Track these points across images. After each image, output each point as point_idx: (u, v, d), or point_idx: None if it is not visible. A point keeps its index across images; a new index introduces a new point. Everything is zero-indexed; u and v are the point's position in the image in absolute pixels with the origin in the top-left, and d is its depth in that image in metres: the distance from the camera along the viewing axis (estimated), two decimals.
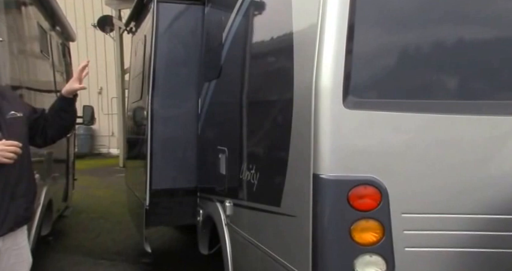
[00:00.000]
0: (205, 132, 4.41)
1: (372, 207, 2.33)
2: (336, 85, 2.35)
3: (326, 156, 2.37)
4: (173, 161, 4.61)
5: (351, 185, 2.33)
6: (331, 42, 2.37)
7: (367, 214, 2.33)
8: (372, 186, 2.33)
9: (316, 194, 2.39)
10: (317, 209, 2.39)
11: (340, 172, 2.36)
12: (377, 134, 2.36)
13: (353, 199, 2.32)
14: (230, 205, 3.62)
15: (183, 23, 4.73)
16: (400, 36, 2.44)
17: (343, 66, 2.34)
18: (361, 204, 2.32)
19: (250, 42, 3.37)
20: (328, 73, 2.36)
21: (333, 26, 2.37)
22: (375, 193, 2.33)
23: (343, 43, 2.35)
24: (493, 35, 2.48)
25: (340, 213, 2.34)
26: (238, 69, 3.59)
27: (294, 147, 2.63)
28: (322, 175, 2.36)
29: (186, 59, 4.71)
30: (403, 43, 2.46)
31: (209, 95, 4.27)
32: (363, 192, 2.33)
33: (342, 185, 2.34)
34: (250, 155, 3.28)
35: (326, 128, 2.37)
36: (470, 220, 2.34)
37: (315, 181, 2.40)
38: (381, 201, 2.33)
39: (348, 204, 2.32)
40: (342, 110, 2.34)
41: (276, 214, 2.84)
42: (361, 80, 2.38)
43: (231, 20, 3.77)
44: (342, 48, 2.35)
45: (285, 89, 2.77)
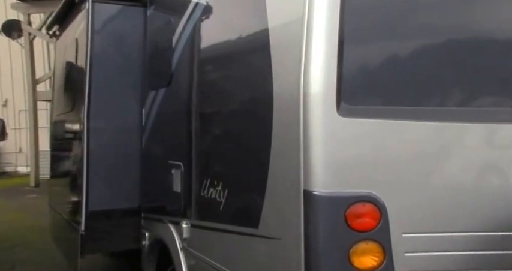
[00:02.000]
0: (152, 146, 4.06)
1: (371, 227, 2.14)
2: (329, 90, 2.14)
3: (319, 170, 2.16)
4: (113, 178, 4.20)
5: (348, 203, 2.13)
6: (321, 40, 2.16)
7: (366, 235, 2.13)
8: (370, 203, 2.14)
9: (309, 214, 2.16)
10: (310, 231, 2.16)
11: (336, 188, 2.15)
12: (374, 144, 2.18)
13: (351, 219, 2.12)
14: (187, 226, 3.31)
15: (122, 26, 4.36)
16: (399, 37, 2.29)
17: (336, 68, 2.14)
18: (359, 223, 2.13)
19: (212, 44, 3.11)
20: (319, 76, 2.16)
21: (322, 21, 2.17)
22: (374, 211, 2.14)
23: (335, 42, 2.15)
24: (493, 40, 2.40)
25: (337, 234, 2.13)
26: (196, 76, 3.30)
27: (276, 160, 2.39)
28: (315, 192, 2.15)
29: (126, 66, 4.33)
30: (403, 44, 2.30)
31: (156, 105, 3.94)
32: (361, 210, 2.13)
33: (338, 203, 2.14)
34: (215, 170, 3.00)
35: (318, 138, 2.16)
36: (478, 239, 2.21)
37: (307, 199, 2.17)
38: (381, 219, 2.14)
39: (345, 224, 2.12)
40: (335, 118, 2.14)
41: (253, 237, 2.58)
42: (356, 84, 2.20)
43: (182, 22, 3.49)
44: (333, 48, 2.15)
45: (260, 94, 2.54)
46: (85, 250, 4.14)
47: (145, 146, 4.12)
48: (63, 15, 5.43)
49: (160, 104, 3.85)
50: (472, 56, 2.41)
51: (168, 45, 3.68)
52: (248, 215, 2.64)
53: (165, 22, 3.82)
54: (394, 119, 2.18)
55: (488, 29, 2.44)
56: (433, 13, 2.31)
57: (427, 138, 2.21)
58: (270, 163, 2.44)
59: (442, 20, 2.32)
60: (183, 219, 3.36)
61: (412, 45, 2.31)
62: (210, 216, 3.07)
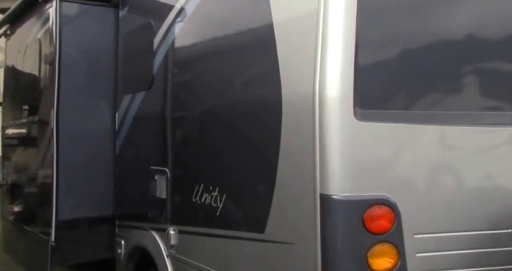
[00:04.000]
0: (128, 151, 3.94)
1: (387, 229, 2.19)
2: (346, 94, 2.18)
3: (336, 174, 2.19)
4: (84, 186, 4.04)
5: (366, 206, 2.17)
6: (338, 42, 2.19)
7: (382, 237, 2.17)
8: (386, 206, 2.19)
9: (326, 217, 2.19)
10: (327, 234, 2.18)
11: (353, 191, 2.19)
12: (389, 148, 2.23)
13: (368, 222, 2.16)
14: (175, 233, 3.25)
15: (91, 27, 4.22)
16: (415, 40, 2.35)
17: (353, 71, 2.18)
18: (376, 226, 2.17)
19: (207, 44, 3.06)
20: (336, 80, 2.19)
21: (340, 18, 2.20)
22: (390, 214, 2.19)
23: (352, 44, 2.18)
24: (505, 45, 2.52)
25: (355, 237, 2.17)
26: (186, 78, 3.26)
27: (285, 164, 2.40)
28: (334, 196, 2.18)
29: (96, 69, 4.20)
30: (419, 47, 2.36)
31: (133, 109, 3.83)
32: (377, 212, 2.18)
33: (356, 206, 2.17)
34: (210, 175, 2.97)
35: (335, 143, 2.19)
36: (488, 237, 2.32)
37: (324, 203, 2.19)
38: (395, 221, 2.19)
39: (363, 227, 2.16)
40: (353, 122, 2.18)
41: (257, 242, 2.58)
42: (372, 88, 2.25)
43: (166, 23, 3.43)
44: (351, 51, 2.18)
45: (266, 96, 2.53)
46: (55, 262, 3.97)
47: (120, 151, 4.01)
48: (17, 15, 5.18)
49: (139, 108, 3.75)
50: (491, 60, 2.52)
51: (148, 47, 3.60)
52: (252, 220, 2.63)
53: (143, 24, 3.74)
54: (410, 123, 2.25)
55: (509, 33, 2.56)
56: (452, 16, 2.41)
57: (441, 141, 2.30)
58: (278, 167, 2.44)
59: (461, 24, 2.42)
60: (169, 226, 3.30)
61: (428, 49, 2.38)
62: (203, 221, 3.03)
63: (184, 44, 3.30)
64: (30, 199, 4.63)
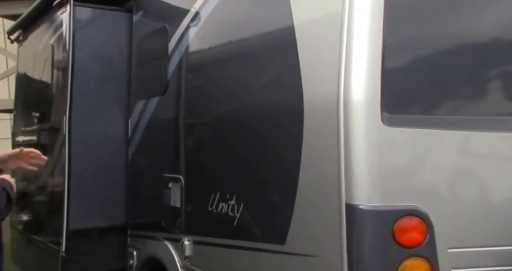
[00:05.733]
0: (141, 159, 3.84)
1: (419, 242, 2.05)
2: (373, 98, 2.06)
3: (364, 182, 2.06)
4: (96, 194, 3.93)
5: (396, 217, 2.04)
6: (364, 41, 2.08)
7: (414, 251, 2.04)
8: (417, 217, 2.05)
9: (353, 229, 2.06)
10: (354, 247, 2.05)
11: (381, 201, 2.06)
12: (418, 155, 2.11)
13: (398, 234, 2.03)
14: (190, 243, 3.13)
15: (105, 32, 4.14)
16: (442, 43, 2.22)
17: (380, 74, 2.07)
18: (407, 239, 2.03)
19: (225, 48, 2.95)
20: (362, 83, 2.07)
21: (366, 19, 2.09)
22: (421, 226, 2.06)
23: (379, 46, 2.07)
24: None
25: (385, 251, 2.03)
26: (200, 83, 3.16)
27: (307, 172, 2.28)
28: (361, 206, 2.05)
29: (109, 74, 4.11)
30: (446, 51, 2.24)
31: (146, 115, 3.73)
32: (408, 224, 2.04)
33: (385, 217, 2.04)
34: (227, 183, 2.85)
35: (362, 149, 2.06)
36: None
37: (350, 213, 2.07)
38: (427, 234, 2.06)
39: (393, 240, 2.02)
40: (380, 128, 2.06)
41: (278, 254, 2.45)
42: (399, 92, 2.13)
43: (182, 28, 3.34)
44: (378, 53, 2.07)
45: (287, 100, 2.43)
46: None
47: (133, 159, 3.90)
48: (31, 20, 5.13)
49: (152, 113, 3.65)
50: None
51: (162, 52, 3.51)
52: (271, 231, 2.51)
53: (157, 28, 3.65)
54: (439, 129, 2.12)
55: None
56: (479, 19, 2.29)
57: (474, 148, 2.18)
58: (300, 175, 2.32)
59: (488, 27, 2.30)
60: (184, 236, 3.18)
61: (456, 52, 2.27)
62: (219, 232, 2.91)
63: (199, 48, 3.20)
64: (40, 208, 4.53)
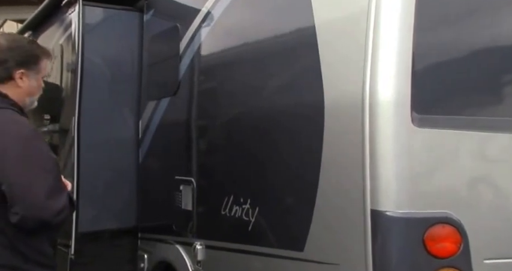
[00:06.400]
0: (151, 161, 3.62)
1: (452, 252, 1.83)
2: (402, 97, 1.85)
3: (391, 187, 1.84)
4: (106, 196, 3.72)
5: (427, 225, 1.81)
6: (394, 38, 1.87)
7: (447, 262, 1.82)
8: (450, 225, 1.83)
9: (379, 237, 1.84)
10: (380, 257, 1.84)
11: (411, 207, 1.84)
12: (451, 158, 1.89)
13: (430, 243, 1.80)
14: (202, 248, 2.92)
15: (115, 32, 3.93)
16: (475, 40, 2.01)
17: (411, 72, 1.85)
18: (439, 249, 1.81)
19: (234, 48, 2.74)
20: (391, 81, 1.86)
21: (396, 13, 1.88)
22: (455, 234, 1.83)
23: (410, 40, 1.85)
24: None
25: (415, 261, 1.81)
26: (212, 83, 2.95)
27: (329, 175, 2.07)
28: (388, 213, 1.83)
29: (120, 74, 3.89)
30: (479, 48, 2.02)
31: (157, 116, 3.52)
32: (440, 233, 1.82)
33: (415, 225, 1.82)
34: (241, 186, 2.63)
35: (390, 152, 1.85)
36: None
37: (376, 220, 1.85)
38: (461, 243, 1.84)
39: (424, 250, 1.80)
40: (410, 129, 1.84)
41: (296, 261, 2.24)
42: (430, 91, 1.91)
43: (194, 26, 3.13)
44: (408, 47, 1.85)
45: (305, 100, 2.22)
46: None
47: (144, 160, 3.69)
48: (40, 21, 4.93)
49: (163, 114, 3.44)
50: None
51: (174, 52, 3.30)
52: (289, 236, 2.30)
53: (169, 27, 3.44)
54: (474, 130, 1.90)
55: None
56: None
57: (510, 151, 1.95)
58: (320, 179, 2.11)
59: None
60: (196, 240, 2.96)
61: (488, 52, 2.05)
62: (233, 236, 2.69)
63: (212, 47, 2.99)
64: None
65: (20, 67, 2.03)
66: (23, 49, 2.06)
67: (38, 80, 2.12)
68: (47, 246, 2.03)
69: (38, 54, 2.11)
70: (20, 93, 2.06)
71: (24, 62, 2.04)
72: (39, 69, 2.11)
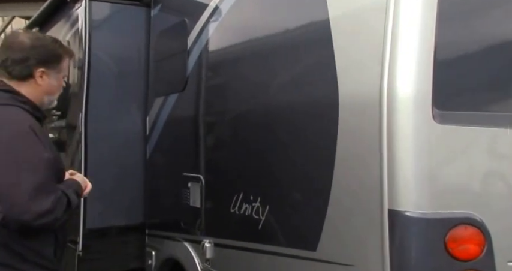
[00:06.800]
0: (159, 157, 3.51)
1: (475, 254, 1.70)
2: (423, 92, 1.71)
3: (411, 186, 1.72)
4: (113, 193, 3.59)
5: (448, 226, 1.69)
6: (415, 28, 1.73)
7: (470, 264, 1.69)
8: (473, 226, 1.71)
9: (397, 238, 1.72)
10: (398, 259, 1.71)
11: (432, 208, 1.71)
12: (474, 156, 1.76)
13: (452, 245, 1.68)
14: (211, 246, 2.80)
15: (121, 27, 3.79)
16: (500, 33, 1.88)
17: (432, 66, 1.72)
18: (462, 251, 1.69)
19: (244, 43, 2.60)
20: (411, 75, 1.73)
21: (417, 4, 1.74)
22: (478, 236, 1.71)
23: (433, 33, 1.72)
24: None
25: (436, 264, 1.68)
26: (221, 78, 2.82)
27: (343, 173, 1.94)
28: (408, 213, 1.70)
29: (126, 70, 3.77)
30: (507, 40, 1.89)
31: (165, 112, 3.40)
32: (463, 234, 1.70)
33: (437, 226, 1.69)
34: (251, 184, 2.51)
35: (409, 149, 1.72)
36: None
37: (394, 221, 1.72)
38: (485, 245, 1.71)
39: (445, 252, 1.68)
40: (430, 125, 1.71)
41: (308, 261, 2.12)
42: (453, 86, 1.78)
43: (202, 21, 3.00)
44: (430, 39, 1.71)
45: (319, 95, 2.10)
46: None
47: (151, 157, 3.57)
48: (47, 16, 4.80)
49: (171, 110, 3.32)
50: None
51: (182, 47, 3.17)
52: (301, 236, 2.17)
53: (176, 22, 3.31)
54: (496, 127, 1.77)
55: None
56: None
57: None
58: (334, 178, 1.98)
59: None
60: (204, 237, 2.85)
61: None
62: (242, 235, 2.57)
63: (221, 42, 2.85)
64: None
65: (41, 66, 1.98)
66: (46, 48, 2.00)
67: (58, 79, 2.06)
68: (47, 248, 1.94)
69: (60, 53, 2.05)
70: (39, 91, 2.01)
71: (46, 61, 1.99)
72: (61, 69, 2.06)
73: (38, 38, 2.04)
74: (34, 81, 1.99)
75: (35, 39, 2.01)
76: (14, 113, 1.92)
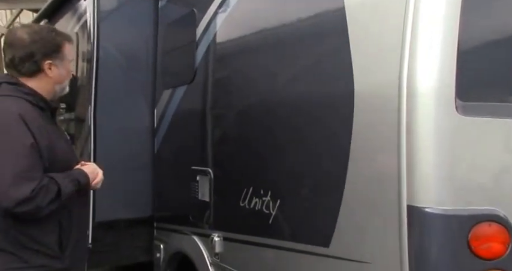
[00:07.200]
0: (167, 150, 3.39)
1: (500, 253, 1.58)
2: (446, 82, 1.59)
3: (432, 181, 1.59)
4: (122, 186, 3.48)
5: (471, 223, 1.57)
6: (437, 15, 1.60)
7: (494, 263, 1.57)
8: (497, 223, 1.58)
9: (416, 236, 1.60)
10: (418, 257, 1.60)
11: (454, 204, 1.58)
12: (499, 149, 1.63)
13: (475, 243, 1.56)
14: (220, 240, 2.70)
15: (130, 19, 3.68)
16: None
17: (456, 55, 1.59)
18: (486, 249, 1.57)
19: (255, 33, 2.46)
20: (433, 65, 1.60)
21: None
22: (503, 233, 1.58)
23: (457, 18, 1.58)
24: None
25: (458, 263, 1.56)
26: (231, 70, 2.69)
27: (357, 166, 1.83)
28: (428, 209, 1.58)
29: (134, 62, 3.65)
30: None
31: (173, 104, 3.28)
32: (487, 232, 1.58)
33: (459, 223, 1.57)
34: (261, 178, 2.39)
35: (431, 142, 1.60)
36: None
37: (413, 217, 1.60)
38: (510, 243, 1.59)
39: (468, 251, 1.56)
40: (453, 117, 1.59)
41: (320, 257, 2.00)
42: (476, 76, 1.65)
43: (211, 11, 2.87)
44: (454, 27, 1.59)
45: (332, 86, 1.97)
46: (92, 264, 3.43)
47: (159, 150, 3.46)
48: (55, 9, 4.69)
49: (179, 103, 3.20)
50: None
51: (190, 38, 3.05)
52: (313, 231, 2.06)
53: (185, 13, 3.19)
54: None
55: None
56: None
57: None
58: (348, 171, 1.86)
59: None
60: (213, 231, 2.74)
61: None
62: (252, 229, 2.46)
63: (231, 33, 2.72)
64: None
65: (47, 58, 1.98)
66: (46, 40, 1.99)
67: (65, 66, 2.06)
68: (47, 235, 1.91)
69: (59, 41, 2.03)
70: (50, 83, 2.02)
71: (50, 52, 1.98)
72: (64, 56, 2.05)
73: (35, 31, 2.01)
74: (44, 74, 1.99)
75: (33, 33, 1.98)
76: (9, 103, 1.91)
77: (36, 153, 1.83)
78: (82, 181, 1.99)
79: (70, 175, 1.95)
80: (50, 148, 1.88)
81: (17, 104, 1.90)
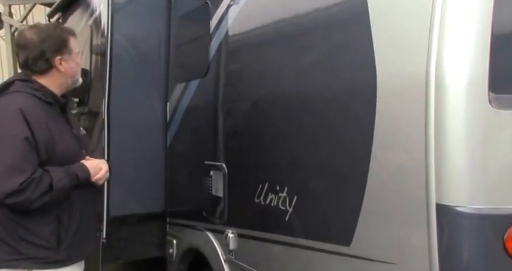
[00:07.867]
0: (180, 144, 3.27)
1: None
2: (478, 74, 1.44)
3: (464, 178, 1.45)
4: (135, 180, 3.37)
5: (508, 223, 1.43)
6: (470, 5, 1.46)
7: None
8: None
9: (446, 237, 1.46)
10: (449, 260, 1.46)
11: (487, 203, 1.45)
12: None
13: (511, 245, 1.43)
14: (234, 236, 2.57)
15: (142, 11, 3.54)
16: None
17: (490, 43, 1.45)
18: None
19: (272, 24, 2.31)
20: (465, 56, 1.46)
21: None
22: None
23: (490, 8, 1.44)
24: None
25: (492, 266, 1.44)
26: (246, 63, 2.56)
27: (381, 160, 1.69)
28: (459, 208, 1.44)
29: (148, 56, 3.52)
30: None
31: (186, 98, 3.15)
32: None
33: (493, 223, 1.43)
34: (276, 173, 2.26)
35: (462, 137, 1.45)
36: None
37: (444, 217, 1.47)
38: None
39: (504, 253, 1.42)
40: (487, 110, 1.45)
41: (341, 256, 1.87)
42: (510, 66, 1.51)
43: (225, 2, 2.73)
44: (487, 12, 1.44)
45: (354, 78, 1.83)
46: (107, 259, 3.33)
47: (172, 144, 3.33)
48: (69, 2, 4.58)
49: (192, 97, 3.07)
50: None
51: (204, 31, 2.91)
52: (333, 229, 1.92)
53: (198, 5, 3.05)
54: None
55: None
56: None
57: None
58: (370, 167, 1.72)
59: None
60: (227, 228, 2.62)
61: None
62: (268, 226, 2.32)
63: (246, 25, 2.57)
64: None
65: (57, 54, 2.02)
66: (54, 37, 2.03)
67: (73, 59, 2.10)
68: (43, 228, 1.91)
69: (64, 37, 2.07)
70: (62, 77, 2.07)
71: (58, 49, 2.03)
72: (71, 50, 2.08)
73: (42, 30, 2.05)
74: (56, 70, 2.03)
75: (41, 32, 2.03)
76: (15, 99, 1.93)
77: (30, 146, 1.83)
78: (81, 176, 1.97)
79: (69, 169, 1.94)
80: (48, 142, 1.88)
81: (22, 99, 1.94)
